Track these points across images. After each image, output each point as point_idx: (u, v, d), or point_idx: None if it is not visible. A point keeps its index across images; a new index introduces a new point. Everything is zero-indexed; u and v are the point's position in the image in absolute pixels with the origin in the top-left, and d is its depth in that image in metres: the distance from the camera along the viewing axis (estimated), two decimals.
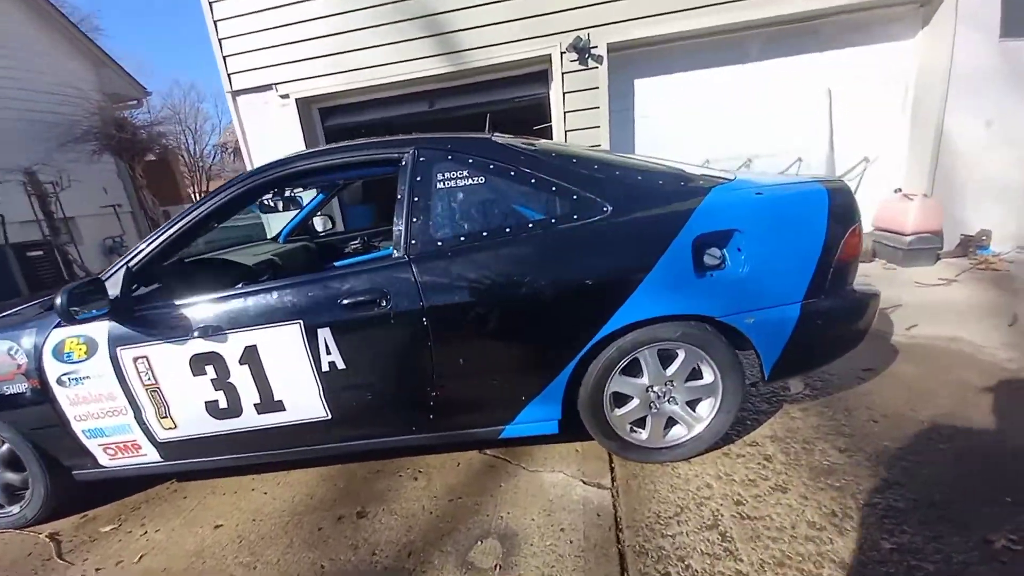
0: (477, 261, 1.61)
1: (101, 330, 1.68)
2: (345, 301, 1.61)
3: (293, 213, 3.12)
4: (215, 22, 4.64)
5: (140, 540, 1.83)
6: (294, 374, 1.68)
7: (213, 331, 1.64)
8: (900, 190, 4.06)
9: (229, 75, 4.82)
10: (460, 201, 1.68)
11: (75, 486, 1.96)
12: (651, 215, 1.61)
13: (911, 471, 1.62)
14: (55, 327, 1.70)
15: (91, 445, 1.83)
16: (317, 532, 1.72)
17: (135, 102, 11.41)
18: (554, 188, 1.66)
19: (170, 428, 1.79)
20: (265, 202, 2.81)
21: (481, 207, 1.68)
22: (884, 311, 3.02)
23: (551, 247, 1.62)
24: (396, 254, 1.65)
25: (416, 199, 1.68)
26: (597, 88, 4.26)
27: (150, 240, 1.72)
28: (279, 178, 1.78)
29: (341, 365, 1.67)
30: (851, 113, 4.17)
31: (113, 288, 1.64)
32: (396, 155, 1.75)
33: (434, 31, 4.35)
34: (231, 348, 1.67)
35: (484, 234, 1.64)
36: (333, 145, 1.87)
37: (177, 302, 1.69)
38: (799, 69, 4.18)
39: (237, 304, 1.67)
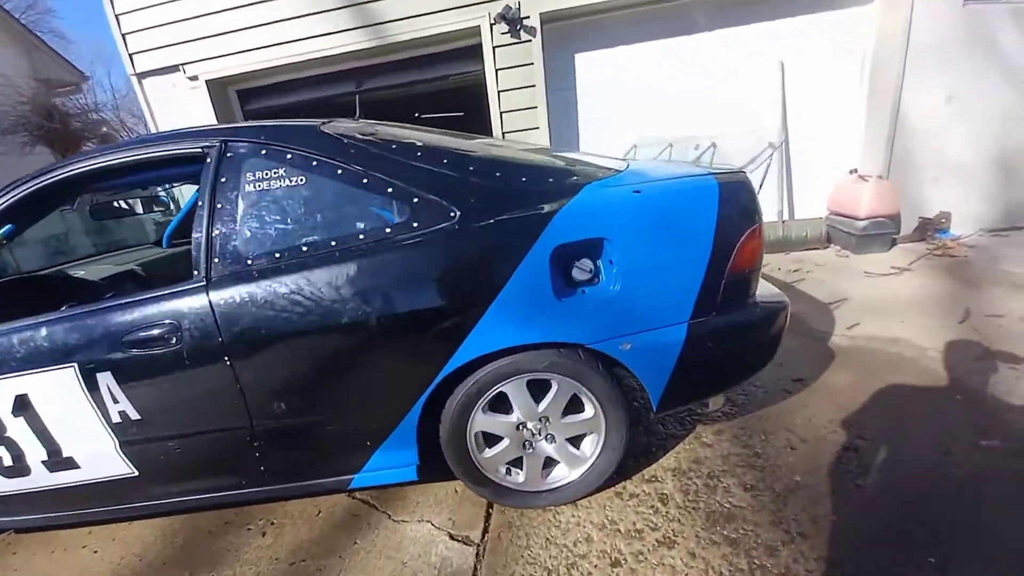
0: (291, 284, 1.28)
1: None
2: (127, 338, 1.29)
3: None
4: None
5: None
6: (80, 426, 1.37)
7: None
8: (855, 170, 3.80)
9: (131, 55, 4.33)
10: (275, 208, 1.35)
11: None
12: (505, 221, 1.30)
13: (819, 519, 1.37)
14: None
15: None
16: None
17: (71, 87, 10.62)
18: (390, 190, 1.33)
19: None
20: (115, 204, 2.41)
21: (301, 215, 1.35)
22: (829, 307, 2.79)
23: (383, 264, 1.30)
24: (195, 276, 1.32)
25: (220, 206, 1.34)
26: (532, 64, 3.88)
27: None
28: (31, 195, 1.43)
29: (135, 415, 1.35)
30: (805, 87, 3.86)
31: None
32: (199, 151, 1.40)
33: (353, 0, 3.91)
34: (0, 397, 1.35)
35: (304, 249, 1.32)
36: (115, 144, 1.51)
37: None
38: (750, 40, 3.85)
39: (2, 343, 1.34)
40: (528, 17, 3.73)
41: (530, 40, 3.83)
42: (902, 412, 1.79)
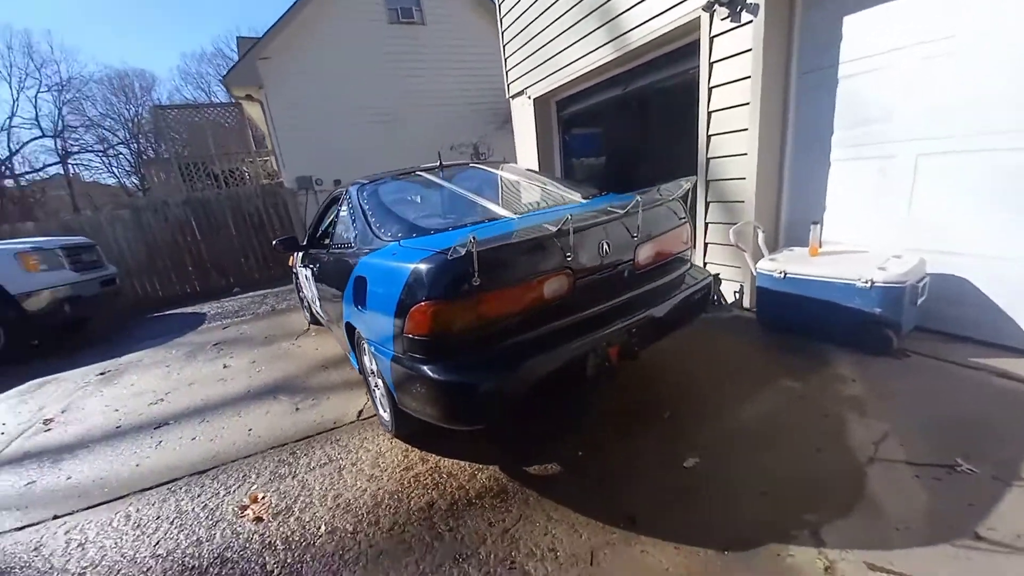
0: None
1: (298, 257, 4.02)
2: (314, 262, 3.18)
3: None
4: (503, 45, 6.42)
5: None
6: (312, 293, 3.47)
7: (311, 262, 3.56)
8: None
9: (508, 86, 6.61)
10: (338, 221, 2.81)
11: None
12: (358, 253, 2.21)
13: None
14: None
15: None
16: None
17: None
18: (354, 221, 2.50)
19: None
20: None
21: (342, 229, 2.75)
22: None
23: (341, 260, 2.54)
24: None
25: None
26: (749, 51, 3.14)
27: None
28: None
29: (315, 293, 3.29)
30: None
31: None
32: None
33: (603, 20, 4.39)
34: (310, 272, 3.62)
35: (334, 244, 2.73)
36: None
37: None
38: None
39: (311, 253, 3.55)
40: None
41: (751, 20, 3.11)
42: None
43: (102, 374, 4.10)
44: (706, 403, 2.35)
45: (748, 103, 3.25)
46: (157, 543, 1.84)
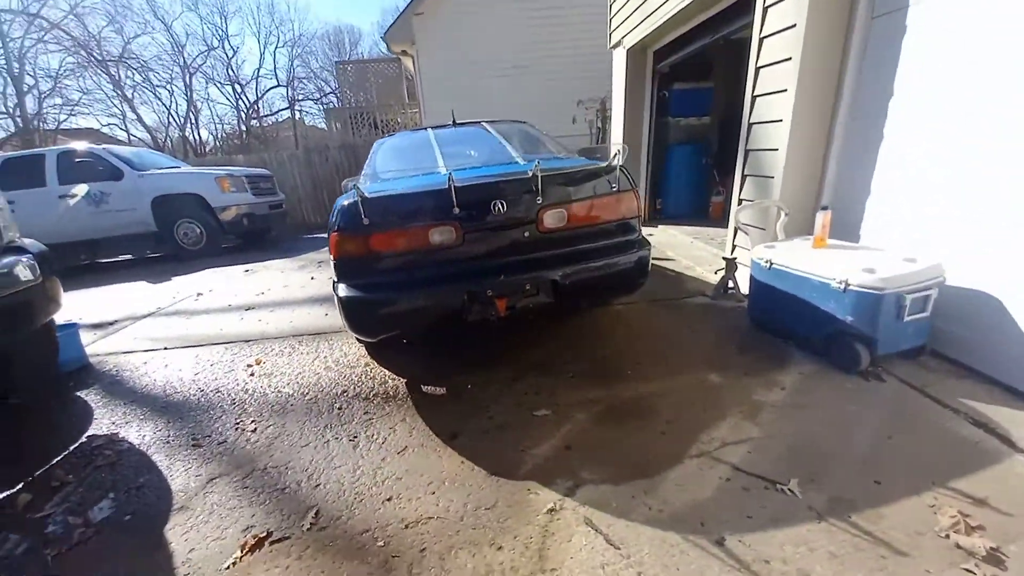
0: None
1: None
2: None
3: None
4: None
5: None
6: None
7: None
8: None
9: (609, 34, 6.29)
10: None
11: None
12: None
13: None
14: None
15: None
16: None
17: None
18: None
19: None
20: None
21: None
22: None
23: None
24: None
25: None
26: None
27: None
28: None
29: None
30: None
31: None
32: None
33: None
34: None
35: None
36: None
37: None
38: None
39: None
40: None
41: None
42: None
43: (246, 271, 5.73)
44: (613, 373, 2.39)
45: (790, 58, 2.76)
46: (197, 373, 2.83)
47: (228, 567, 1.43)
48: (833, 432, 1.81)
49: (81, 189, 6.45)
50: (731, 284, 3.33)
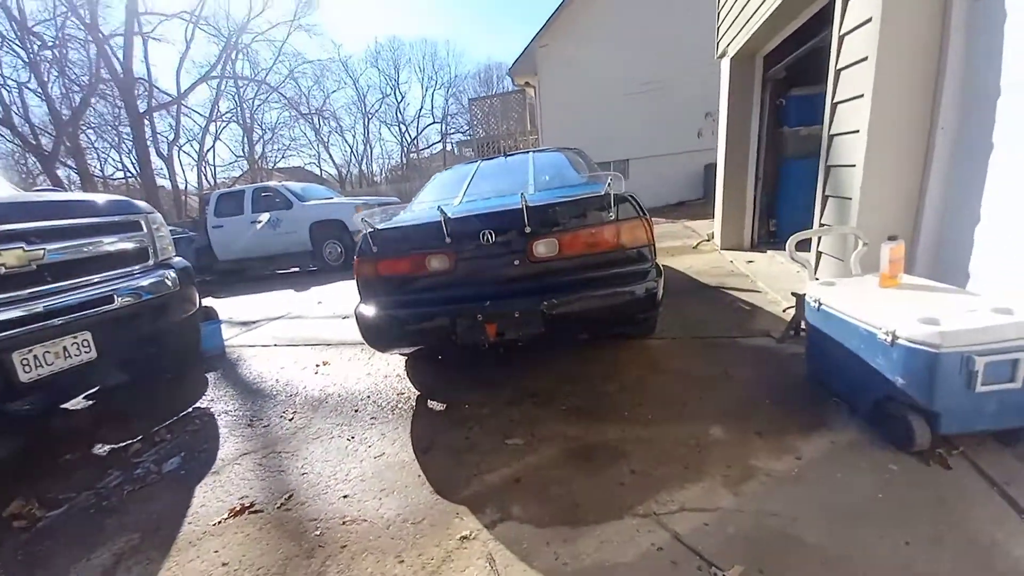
0: None
1: None
2: None
3: None
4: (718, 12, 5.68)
5: None
6: None
7: None
8: None
9: (716, 43, 5.83)
10: None
11: None
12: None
13: None
14: None
15: None
16: None
17: None
18: None
19: None
20: None
21: None
22: None
23: None
24: None
25: None
26: None
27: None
28: None
29: None
30: None
31: None
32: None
33: None
34: None
35: None
36: None
37: None
38: None
39: None
40: None
41: None
42: None
43: None
44: (608, 412, 2.24)
45: (866, 58, 2.28)
46: (282, 368, 3.50)
47: (216, 524, 1.80)
48: (827, 521, 1.44)
49: (264, 216, 8.42)
50: (804, 326, 2.79)
